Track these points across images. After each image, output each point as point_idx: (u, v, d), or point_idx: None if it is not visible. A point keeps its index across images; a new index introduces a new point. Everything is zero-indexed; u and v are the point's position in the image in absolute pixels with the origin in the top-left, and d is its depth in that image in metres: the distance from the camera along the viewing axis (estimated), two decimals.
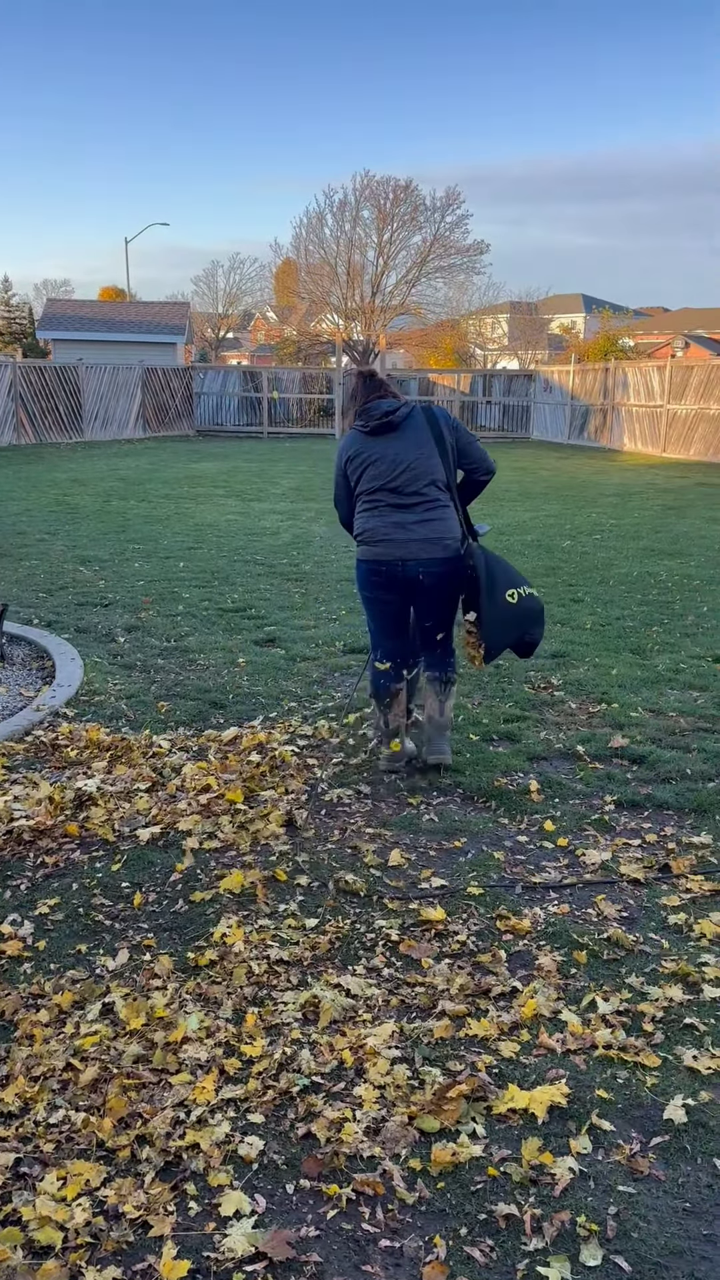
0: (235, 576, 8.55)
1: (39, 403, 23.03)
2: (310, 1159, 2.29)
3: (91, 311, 33.33)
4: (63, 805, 3.97)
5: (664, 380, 21.87)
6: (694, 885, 3.52)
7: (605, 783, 4.38)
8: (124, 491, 14.47)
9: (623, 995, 2.88)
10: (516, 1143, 2.34)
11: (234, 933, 3.14)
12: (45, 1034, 2.68)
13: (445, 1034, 2.70)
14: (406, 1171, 2.26)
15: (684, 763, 4.57)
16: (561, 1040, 2.68)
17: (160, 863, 3.61)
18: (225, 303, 63.19)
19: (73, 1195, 2.17)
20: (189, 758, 4.50)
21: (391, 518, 4.22)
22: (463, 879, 3.55)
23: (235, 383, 29.72)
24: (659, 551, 10.02)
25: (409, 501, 4.21)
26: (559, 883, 3.55)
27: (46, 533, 10.71)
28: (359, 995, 2.87)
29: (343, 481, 4.38)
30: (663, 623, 7.13)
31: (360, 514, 4.34)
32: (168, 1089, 2.49)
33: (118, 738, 4.68)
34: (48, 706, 5.08)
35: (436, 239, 39.15)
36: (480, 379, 31.39)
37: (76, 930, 3.22)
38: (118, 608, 7.39)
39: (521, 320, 51.99)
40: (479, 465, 4.37)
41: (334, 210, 39.10)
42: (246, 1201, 2.17)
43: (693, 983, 2.95)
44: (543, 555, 9.65)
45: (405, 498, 4.21)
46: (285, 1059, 2.60)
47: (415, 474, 4.20)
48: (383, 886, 3.50)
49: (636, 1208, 2.17)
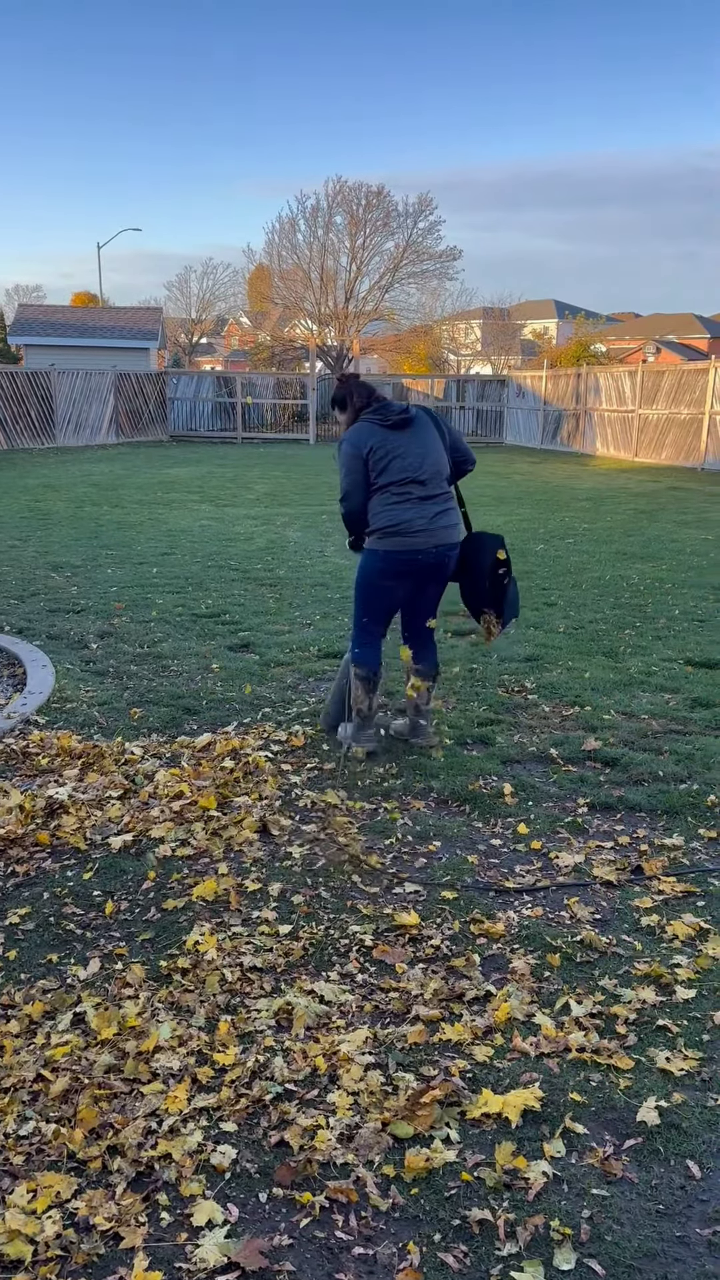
0: (209, 582, 8.52)
1: (10, 408, 22.88)
2: (283, 1167, 2.28)
3: (64, 317, 33.16)
4: (33, 813, 3.94)
5: (635, 385, 22.03)
6: (666, 887, 3.53)
7: (578, 785, 4.39)
8: (97, 497, 14.39)
9: (596, 998, 2.89)
10: (490, 1147, 2.34)
11: (207, 940, 3.12)
12: (15, 1045, 2.65)
13: (419, 1039, 2.70)
14: (380, 1178, 2.26)
15: (656, 765, 4.59)
16: (535, 1044, 2.69)
17: (132, 871, 3.59)
18: (199, 308, 63.10)
19: (43, 1208, 2.14)
20: (162, 764, 4.48)
21: (424, 509, 4.43)
22: (437, 883, 3.55)
23: (209, 388, 29.65)
24: (631, 555, 10.08)
25: (434, 493, 4.46)
26: (532, 886, 3.56)
27: (18, 539, 10.63)
28: (333, 1001, 2.86)
29: (362, 471, 4.41)
30: (635, 626, 7.18)
31: (387, 506, 4.42)
32: (139, 1099, 2.47)
33: (90, 745, 4.64)
34: (18, 714, 5.03)
35: (409, 245, 39.27)
36: (454, 384, 31.48)
37: (47, 939, 3.18)
38: (90, 614, 7.34)
39: (494, 326, 52.18)
40: (467, 457, 4.67)
41: (307, 216, 39.16)
42: (219, 1211, 2.15)
43: (665, 984, 2.96)
44: (516, 559, 9.64)
45: (430, 489, 4.45)
46: (258, 1067, 2.59)
47: (436, 468, 4.47)
48: (356, 892, 3.49)
49: (610, 1211, 2.18)
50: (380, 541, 4.46)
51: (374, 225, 38.82)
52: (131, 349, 30.58)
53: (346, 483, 4.44)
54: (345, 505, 4.49)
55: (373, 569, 4.53)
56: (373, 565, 4.52)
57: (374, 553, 4.50)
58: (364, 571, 4.57)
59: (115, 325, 31.99)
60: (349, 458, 4.42)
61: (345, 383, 4.63)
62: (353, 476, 4.42)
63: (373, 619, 4.64)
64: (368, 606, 4.63)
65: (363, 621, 4.66)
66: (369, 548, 4.51)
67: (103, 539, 10.69)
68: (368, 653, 4.65)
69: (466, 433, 29.90)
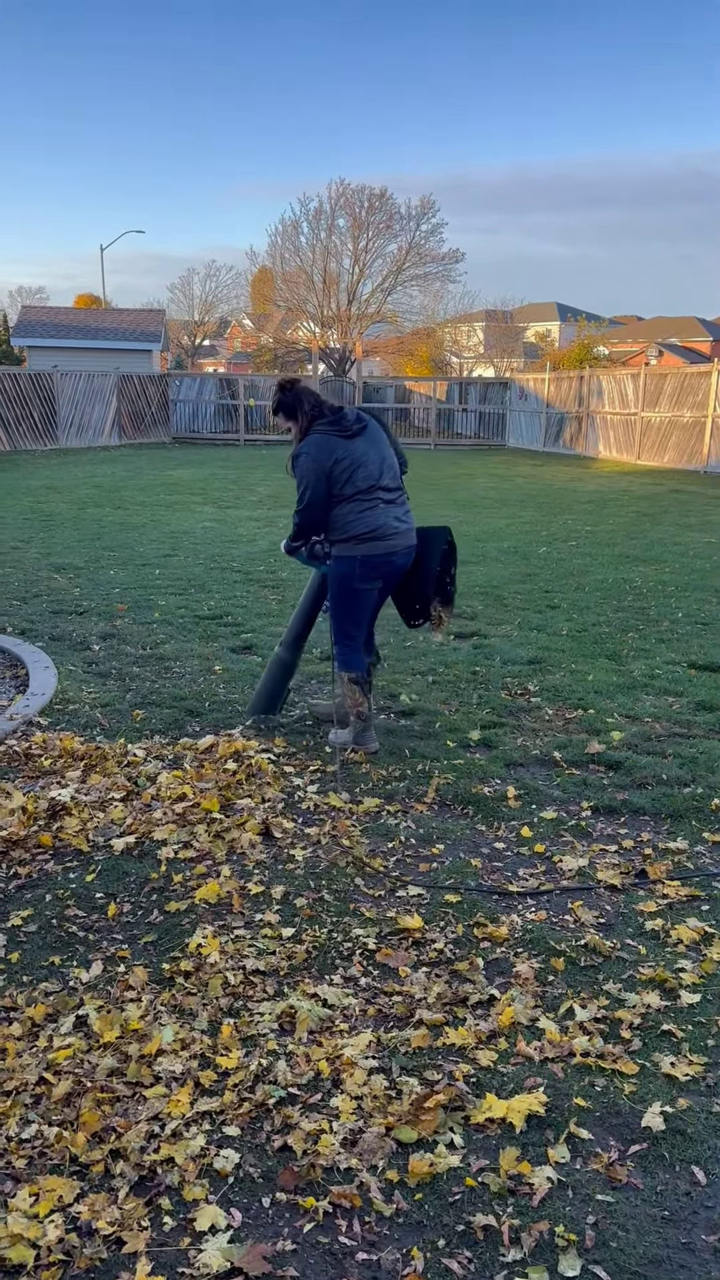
0: (211, 584, 8.51)
1: (13, 410, 22.89)
2: (286, 1171, 2.27)
3: (67, 319, 33.16)
4: (36, 815, 3.93)
5: (638, 388, 22.03)
6: (670, 891, 3.52)
7: (582, 789, 4.38)
8: (99, 499, 14.40)
9: (600, 1002, 2.88)
10: (494, 1152, 2.33)
11: (209, 943, 3.11)
12: (18, 1047, 2.64)
13: (423, 1043, 2.69)
14: (384, 1183, 2.25)
15: (660, 768, 4.58)
16: (539, 1048, 2.67)
17: (135, 873, 3.58)
18: (201, 310, 63.16)
19: (45, 1212, 2.13)
20: (164, 766, 4.47)
21: (392, 513, 4.55)
22: (440, 886, 3.54)
23: (211, 390, 29.68)
24: (634, 558, 10.07)
25: (395, 497, 4.59)
26: (536, 889, 3.54)
27: (20, 540, 10.63)
28: (336, 1005, 2.85)
29: (325, 485, 4.43)
30: (638, 628, 7.17)
31: (360, 513, 4.48)
32: (142, 1102, 2.46)
33: (92, 746, 4.64)
34: (21, 715, 5.02)
35: (412, 247, 39.35)
36: (456, 386, 31.49)
37: (50, 942, 3.18)
38: (92, 615, 7.34)
39: (497, 328, 52.22)
40: (403, 460, 4.74)
41: (310, 218, 39.26)
42: (222, 1216, 2.14)
43: (670, 989, 2.95)
44: (519, 562, 9.67)
45: (392, 494, 4.57)
46: (261, 1070, 2.58)
47: (394, 471, 4.60)
48: (359, 895, 3.48)
49: (615, 1217, 2.17)
50: (358, 547, 4.51)
51: (376, 228, 38.92)
52: (134, 351, 30.58)
53: (309, 495, 4.45)
54: (305, 517, 4.50)
55: (352, 575, 4.57)
56: (352, 571, 4.56)
57: (352, 559, 4.53)
58: (343, 579, 4.58)
59: (118, 327, 31.99)
60: (311, 472, 4.43)
61: (292, 389, 4.56)
62: (315, 490, 4.44)
63: (354, 624, 4.68)
64: (350, 613, 4.66)
65: (346, 629, 4.68)
66: (344, 555, 4.53)
67: (105, 540, 10.69)
68: (357, 658, 4.73)
69: (469, 435, 29.93)
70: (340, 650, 4.70)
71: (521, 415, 28.04)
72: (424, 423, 30.66)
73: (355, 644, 4.71)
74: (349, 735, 4.76)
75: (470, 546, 10.49)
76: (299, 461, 4.45)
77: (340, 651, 4.71)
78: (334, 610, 4.68)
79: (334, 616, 4.69)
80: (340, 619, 4.67)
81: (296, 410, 4.52)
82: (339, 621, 4.68)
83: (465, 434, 30.31)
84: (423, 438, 29.78)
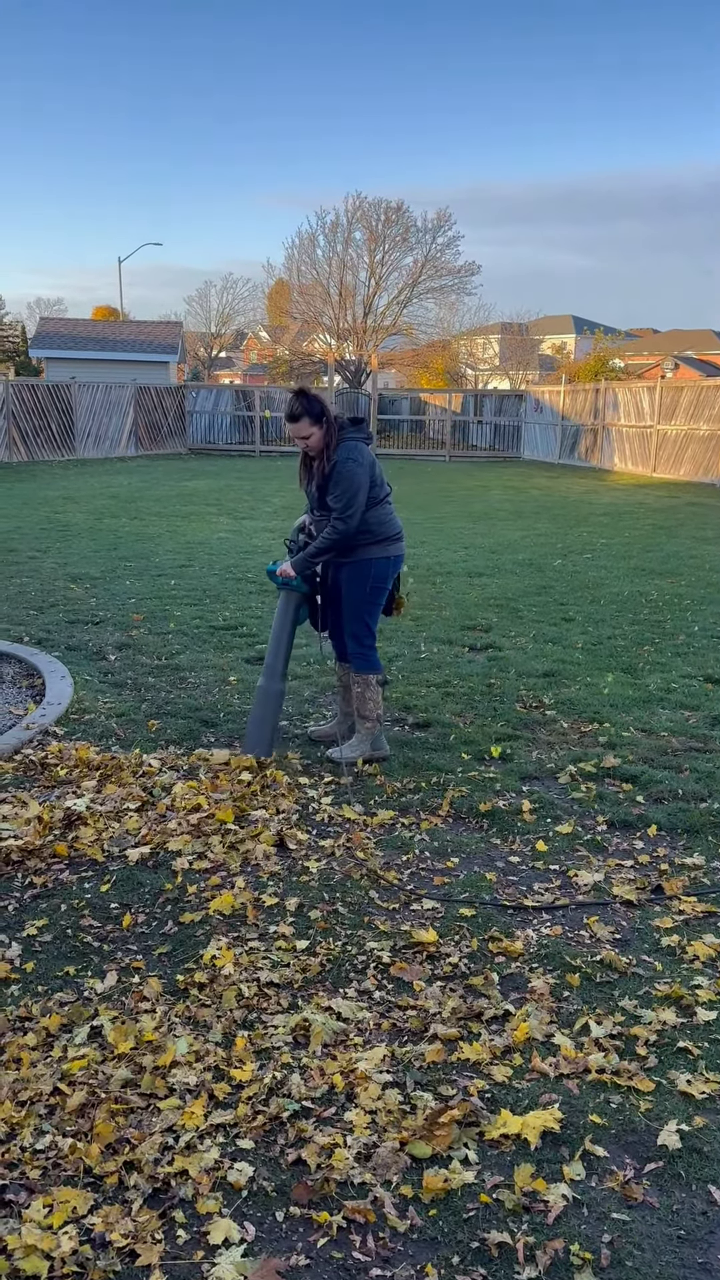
0: (227, 594, 8.53)
1: (31, 420, 23.05)
2: (300, 1185, 2.26)
3: (85, 330, 33.41)
4: (51, 825, 3.94)
5: (654, 401, 22.00)
6: (687, 907, 3.50)
7: (597, 803, 4.37)
8: (116, 509, 14.47)
9: (616, 1018, 2.86)
10: (509, 1169, 2.31)
11: (224, 954, 3.11)
12: (32, 1058, 2.64)
13: (437, 1058, 2.68)
14: (398, 1198, 2.24)
15: (676, 783, 4.56)
16: (554, 1064, 2.66)
17: (150, 883, 3.58)
18: (218, 322, 63.53)
19: (59, 1223, 2.13)
20: (179, 777, 4.48)
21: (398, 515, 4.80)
22: (455, 899, 3.53)
23: (228, 401, 29.80)
24: (650, 570, 10.05)
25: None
26: (552, 904, 3.53)
27: (38, 550, 10.69)
28: (350, 1018, 2.85)
29: (367, 489, 4.54)
30: (654, 642, 7.14)
31: (388, 515, 4.68)
32: (156, 1114, 2.46)
33: (107, 756, 4.65)
34: (37, 725, 5.04)
35: (428, 260, 39.47)
36: (471, 399, 31.53)
37: (65, 952, 3.18)
38: (108, 625, 7.36)
39: (512, 341, 52.30)
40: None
41: (326, 231, 39.45)
42: (236, 1229, 2.14)
43: (686, 1006, 2.93)
44: (534, 574, 9.66)
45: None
46: (275, 1083, 2.57)
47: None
48: (374, 908, 3.48)
49: (630, 1235, 2.15)
50: (388, 548, 4.68)
51: (393, 241, 39.06)
52: (151, 362, 30.78)
53: (360, 499, 4.51)
54: (351, 523, 4.52)
55: (383, 575, 4.72)
56: (383, 571, 4.71)
57: (385, 560, 4.69)
58: (376, 580, 4.70)
59: (135, 339, 32.21)
60: (360, 478, 4.50)
61: (317, 398, 4.55)
62: (362, 494, 4.52)
63: (374, 626, 4.83)
64: (373, 615, 4.80)
65: (370, 631, 4.79)
66: (376, 557, 4.65)
67: (121, 551, 10.74)
68: (377, 660, 4.83)
69: (484, 447, 29.99)
70: (362, 654, 4.76)
71: (537, 427, 28.04)
72: (439, 434, 30.69)
73: (373, 646, 4.80)
74: (363, 747, 4.76)
75: (485, 558, 10.49)
76: (347, 468, 4.47)
77: (362, 655, 4.76)
78: (358, 615, 4.73)
79: (356, 621, 4.74)
80: (364, 622, 4.75)
81: (323, 416, 4.52)
82: (362, 625, 4.75)
83: (480, 446, 30.33)
84: (438, 449, 29.82)
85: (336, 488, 4.49)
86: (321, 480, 4.57)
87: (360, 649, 4.76)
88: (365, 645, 4.76)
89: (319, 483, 4.59)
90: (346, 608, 4.75)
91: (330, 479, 4.52)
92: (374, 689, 4.76)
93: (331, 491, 4.52)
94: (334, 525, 4.52)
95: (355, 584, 4.69)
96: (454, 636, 7.16)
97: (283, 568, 4.68)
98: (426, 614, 7.83)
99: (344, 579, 4.70)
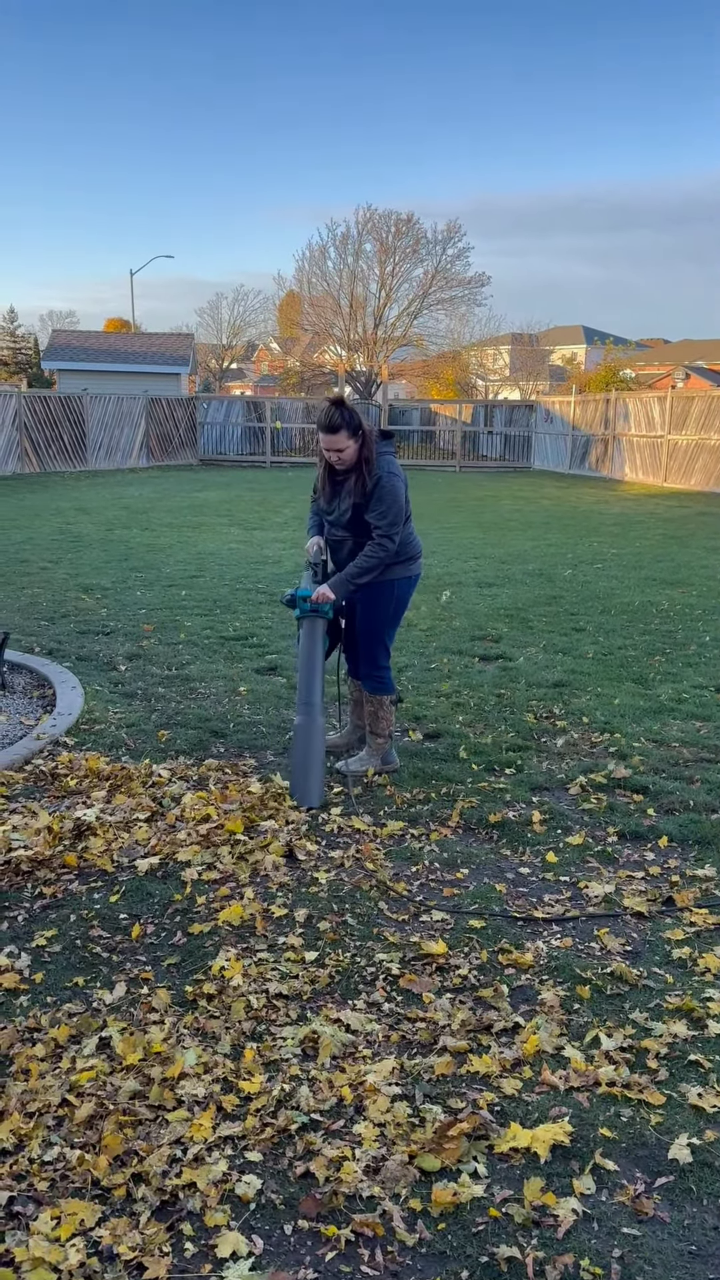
0: (237, 605, 8.55)
1: (44, 432, 23.16)
2: (309, 1199, 2.25)
3: (96, 342, 33.59)
4: (61, 835, 3.95)
5: (665, 411, 21.99)
6: (698, 919, 3.48)
7: (608, 814, 4.35)
8: (127, 520, 14.52)
9: (626, 1031, 2.84)
10: (519, 1183, 2.30)
11: (233, 966, 3.10)
12: (41, 1069, 2.64)
13: (446, 1070, 2.67)
14: (406, 1212, 2.22)
15: (687, 794, 4.54)
16: (564, 1077, 2.64)
17: (159, 894, 3.58)
18: (229, 334, 63.79)
19: (67, 1235, 2.13)
20: (189, 787, 4.48)
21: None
22: (464, 911, 3.52)
23: (239, 413, 29.90)
24: (660, 581, 10.02)
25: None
26: (562, 916, 3.52)
27: (49, 561, 10.73)
28: (359, 1030, 2.84)
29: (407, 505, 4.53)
30: (665, 652, 7.12)
31: (413, 534, 4.65)
32: (164, 1126, 2.45)
33: (117, 767, 4.65)
34: (48, 735, 5.06)
35: (438, 271, 39.60)
36: (482, 409, 31.55)
37: (74, 962, 3.18)
38: (119, 636, 7.38)
39: (523, 351, 52.39)
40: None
41: (336, 243, 39.65)
42: (244, 1242, 2.13)
43: (697, 1018, 2.91)
44: (544, 584, 9.65)
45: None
46: (284, 1095, 2.56)
47: None
48: (383, 919, 3.47)
49: (641, 1250, 2.13)
50: (410, 566, 4.66)
51: (403, 252, 39.22)
52: (163, 374, 30.91)
53: (403, 516, 4.48)
54: (398, 540, 4.45)
55: (405, 595, 4.71)
56: (406, 591, 4.70)
57: (407, 579, 4.67)
58: (399, 600, 4.68)
59: (147, 351, 32.36)
60: (402, 493, 4.46)
61: (353, 410, 4.38)
62: (405, 509, 4.49)
63: (391, 643, 4.81)
64: (392, 634, 4.80)
65: (388, 650, 4.77)
66: (399, 576, 4.61)
67: (132, 561, 10.77)
68: (392, 680, 4.81)
69: (494, 457, 30.00)
70: (378, 676, 4.72)
71: (547, 438, 28.04)
72: (449, 445, 30.72)
73: (388, 667, 4.77)
74: (373, 761, 4.76)
75: (495, 568, 10.48)
76: (390, 483, 4.38)
77: (377, 678, 4.73)
78: (378, 635, 4.69)
79: (375, 642, 4.69)
80: (383, 644, 4.73)
81: (360, 429, 4.37)
82: (380, 646, 4.72)
83: (490, 456, 30.34)
84: (448, 460, 29.84)
85: (380, 505, 4.36)
86: (361, 497, 4.40)
87: (376, 670, 4.70)
88: (381, 666, 4.72)
89: (358, 499, 4.41)
90: (365, 628, 4.66)
91: (373, 496, 4.37)
92: (387, 709, 4.74)
93: (374, 509, 4.38)
94: (379, 543, 4.39)
95: (378, 605, 4.61)
96: (464, 646, 7.16)
97: (321, 591, 4.38)
98: (437, 624, 7.83)
99: (366, 599, 4.59)
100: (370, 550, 4.42)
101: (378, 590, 4.58)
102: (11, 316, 59.19)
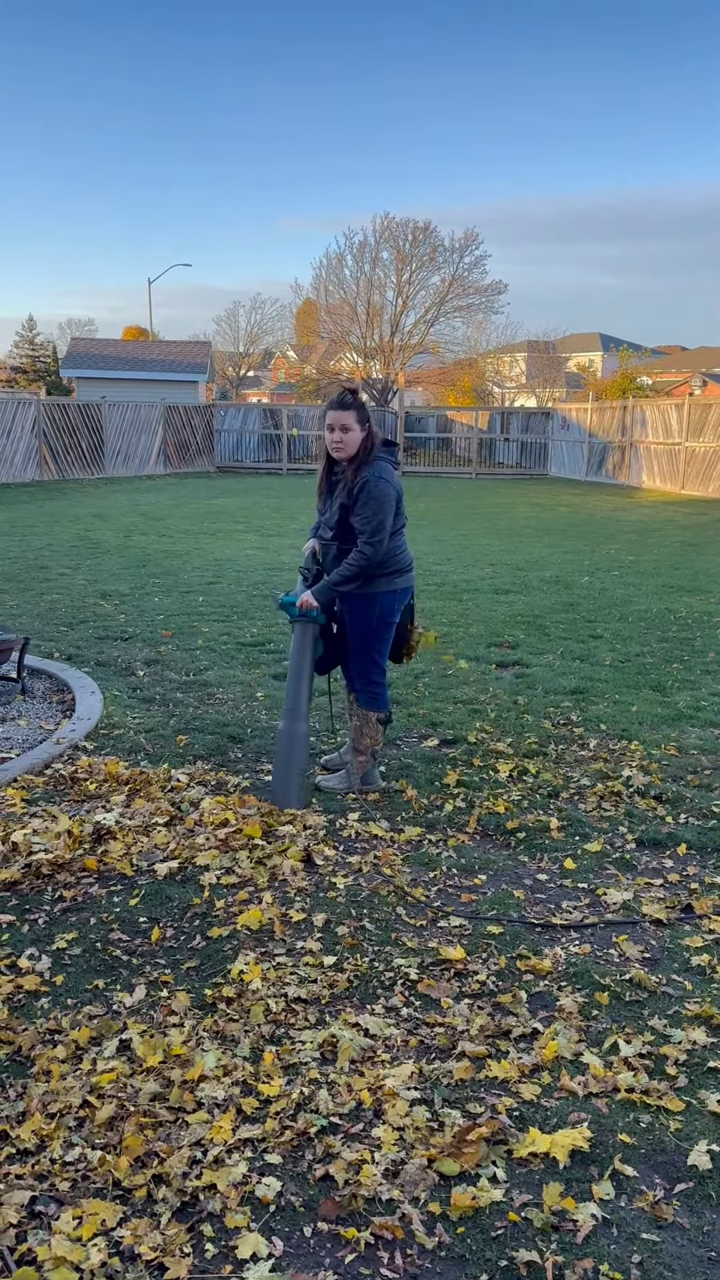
0: (254, 611, 8.58)
1: (62, 439, 23.32)
2: (328, 1201, 2.26)
3: (115, 350, 33.81)
4: (81, 839, 3.97)
5: (682, 418, 21.93)
6: (717, 926, 3.47)
7: (626, 821, 4.34)
8: (145, 527, 14.59)
9: (645, 1038, 2.84)
10: (538, 1187, 2.30)
11: (251, 969, 3.12)
12: (62, 1070, 2.66)
13: (465, 1075, 2.67)
14: (425, 1215, 2.23)
15: (706, 801, 4.53)
16: (583, 1083, 2.64)
17: (178, 898, 3.60)
18: (246, 342, 64.02)
19: (88, 1235, 2.14)
20: (207, 792, 4.50)
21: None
22: (482, 917, 3.52)
23: (255, 420, 30.02)
24: (678, 588, 10.00)
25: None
26: (580, 922, 3.51)
27: (68, 567, 10.80)
28: (378, 1035, 2.84)
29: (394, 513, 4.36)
30: (683, 659, 7.10)
31: (403, 547, 4.50)
32: (184, 1128, 2.46)
33: (136, 771, 4.68)
34: (67, 740, 5.09)
35: (455, 279, 39.63)
36: (498, 416, 31.58)
37: (94, 965, 3.20)
38: (137, 641, 7.42)
39: (539, 359, 52.34)
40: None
41: (354, 251, 39.70)
42: (264, 1244, 2.14)
43: (716, 1025, 2.91)
44: (561, 591, 9.64)
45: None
46: (303, 1099, 2.57)
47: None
48: (401, 924, 3.47)
49: (660, 1256, 2.13)
50: (396, 580, 4.46)
51: (420, 260, 39.26)
52: (180, 382, 31.08)
53: (389, 523, 4.31)
54: (380, 549, 4.30)
55: (390, 609, 4.50)
56: (393, 605, 4.50)
57: (392, 593, 4.46)
58: (386, 613, 4.49)
59: (165, 359, 32.55)
60: (392, 500, 4.30)
61: (365, 405, 4.36)
62: (390, 520, 4.32)
63: (383, 662, 4.62)
64: (383, 650, 4.60)
65: (380, 667, 4.59)
66: (383, 590, 4.43)
67: (150, 568, 10.83)
68: (385, 698, 4.65)
69: (510, 464, 29.99)
70: (371, 690, 4.58)
71: (564, 445, 28.02)
72: (465, 452, 30.74)
73: (381, 683, 4.61)
74: (352, 780, 4.62)
75: (512, 575, 10.48)
76: (379, 487, 4.24)
77: (369, 692, 4.58)
78: (365, 650, 4.53)
79: (365, 657, 4.55)
80: (372, 659, 4.56)
81: (368, 422, 4.33)
82: (370, 661, 4.55)
83: (507, 463, 30.35)
84: (464, 467, 29.85)
85: (365, 509, 4.25)
86: (347, 497, 4.32)
87: (367, 685, 4.57)
88: (373, 681, 4.57)
89: (344, 499, 4.34)
90: (353, 644, 4.56)
91: (358, 498, 4.27)
92: (373, 725, 4.58)
93: (359, 513, 4.27)
94: (361, 550, 4.27)
95: (360, 618, 4.48)
96: (481, 653, 7.16)
97: (304, 598, 4.38)
98: (453, 631, 7.83)
99: (351, 613, 4.49)
100: (352, 558, 4.30)
101: (360, 603, 4.44)
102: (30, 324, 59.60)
